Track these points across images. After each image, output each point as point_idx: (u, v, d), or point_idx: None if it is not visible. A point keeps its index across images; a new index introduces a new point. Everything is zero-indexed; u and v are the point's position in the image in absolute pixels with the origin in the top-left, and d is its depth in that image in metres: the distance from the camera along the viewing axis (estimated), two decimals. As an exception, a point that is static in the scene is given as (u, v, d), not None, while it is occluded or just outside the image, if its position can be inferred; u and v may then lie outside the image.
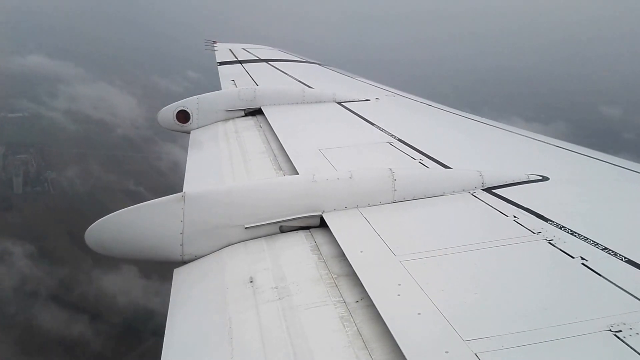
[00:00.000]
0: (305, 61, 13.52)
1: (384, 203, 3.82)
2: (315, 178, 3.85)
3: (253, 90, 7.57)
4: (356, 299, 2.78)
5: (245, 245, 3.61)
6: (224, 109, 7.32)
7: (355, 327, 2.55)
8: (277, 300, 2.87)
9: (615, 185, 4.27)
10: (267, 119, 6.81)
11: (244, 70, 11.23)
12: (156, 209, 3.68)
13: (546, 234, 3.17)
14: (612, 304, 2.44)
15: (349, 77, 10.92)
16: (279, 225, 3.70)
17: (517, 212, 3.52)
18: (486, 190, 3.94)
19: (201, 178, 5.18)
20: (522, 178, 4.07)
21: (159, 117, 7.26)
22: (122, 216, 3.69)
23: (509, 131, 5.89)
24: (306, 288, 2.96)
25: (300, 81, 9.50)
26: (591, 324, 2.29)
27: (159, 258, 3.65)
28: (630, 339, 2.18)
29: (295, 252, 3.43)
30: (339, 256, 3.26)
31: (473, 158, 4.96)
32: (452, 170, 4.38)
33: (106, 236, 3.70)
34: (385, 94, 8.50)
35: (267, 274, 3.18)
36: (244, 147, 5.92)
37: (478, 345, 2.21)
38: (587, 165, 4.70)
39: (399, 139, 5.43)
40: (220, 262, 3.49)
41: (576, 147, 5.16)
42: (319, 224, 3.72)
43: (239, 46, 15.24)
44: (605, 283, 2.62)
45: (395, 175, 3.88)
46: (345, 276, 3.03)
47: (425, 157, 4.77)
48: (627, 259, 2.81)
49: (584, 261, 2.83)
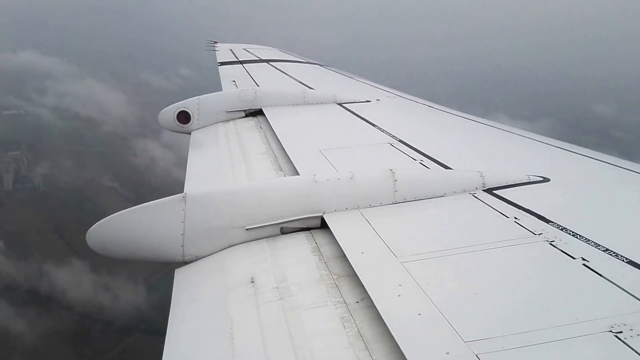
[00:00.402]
0: (306, 62, 13.52)
1: (385, 204, 3.82)
2: (316, 179, 3.85)
3: (254, 91, 7.57)
4: (357, 300, 2.79)
5: (246, 246, 3.62)
6: (224, 110, 7.32)
7: (356, 328, 2.55)
8: (278, 301, 2.88)
9: (617, 186, 4.27)
10: (268, 119, 6.81)
11: (244, 71, 11.24)
12: (157, 210, 3.68)
13: (547, 235, 3.17)
14: (613, 305, 2.44)
15: (349, 78, 10.92)
16: (279, 226, 3.70)
17: (518, 213, 3.53)
18: (487, 191, 3.94)
19: (202, 179, 5.18)
20: (523, 179, 4.07)
21: (159, 118, 7.26)
22: (123, 217, 3.69)
23: (510, 132, 5.89)
24: (307, 289, 2.97)
25: (301, 82, 9.50)
26: (592, 325, 2.29)
27: (160, 259, 3.66)
28: (631, 339, 2.18)
29: (296, 253, 3.44)
30: (339, 257, 3.26)
31: (474, 159, 4.96)
32: (452, 171, 4.39)
33: (107, 237, 3.70)
34: (386, 95, 8.51)
35: (268, 275, 3.19)
36: (244, 148, 5.93)
37: (479, 346, 2.21)
38: (588, 166, 4.69)
39: (400, 140, 5.44)
40: (221, 263, 3.49)
41: (577, 148, 5.15)
42: (320, 225, 3.72)
43: (240, 46, 15.25)
44: (606, 284, 2.62)
45: (396, 176, 3.88)
46: (346, 277, 3.04)
47: (426, 158, 4.77)
48: (628, 259, 2.81)
49: (585, 262, 2.83)
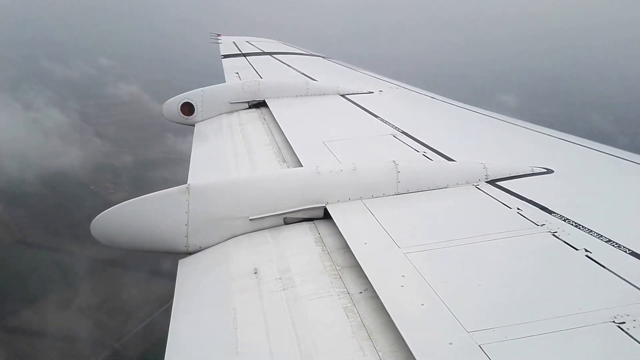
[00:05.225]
0: (309, 54, 13.49)
1: (388, 195, 3.82)
2: (319, 170, 3.86)
3: (257, 83, 7.57)
4: (360, 290, 2.80)
5: (249, 237, 3.63)
6: (228, 102, 7.33)
7: (359, 318, 2.57)
8: (281, 291, 2.89)
9: (620, 178, 4.26)
10: (271, 111, 6.81)
11: (248, 63, 11.22)
12: (161, 201, 3.70)
13: (550, 226, 3.17)
14: (616, 296, 2.45)
15: (352, 69, 10.89)
16: (283, 217, 3.71)
17: (521, 204, 3.52)
18: (490, 182, 3.94)
19: (206, 170, 5.20)
20: (526, 170, 4.06)
21: (163, 110, 7.28)
22: (127, 208, 3.71)
23: (513, 124, 5.87)
24: (310, 279, 2.98)
25: (304, 74, 9.48)
26: (595, 316, 2.30)
27: (164, 249, 3.68)
28: (633, 330, 2.18)
29: (300, 243, 3.45)
30: (342, 247, 3.27)
31: (477, 150, 4.95)
32: (455, 163, 4.38)
33: (111, 228, 3.72)
34: (389, 87, 8.49)
35: (272, 265, 3.20)
36: (248, 139, 5.93)
37: (482, 336, 2.22)
38: (592, 158, 4.68)
39: (403, 132, 5.43)
40: (225, 254, 3.51)
41: (580, 139, 5.14)
42: (323, 216, 3.73)
43: (243, 39, 15.22)
44: (609, 275, 2.62)
45: (398, 167, 3.88)
46: (349, 267, 3.05)
47: (429, 150, 4.77)
48: (631, 251, 2.81)
49: (588, 253, 2.84)
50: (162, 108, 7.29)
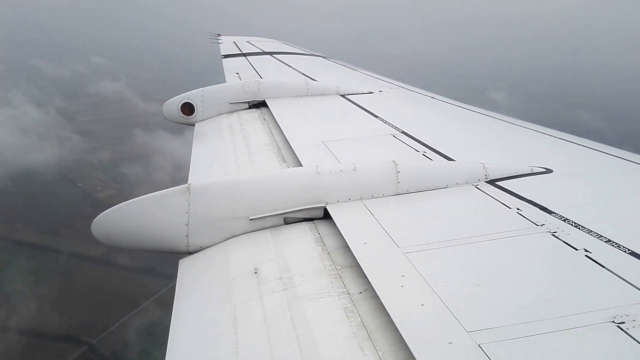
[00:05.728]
0: (309, 54, 13.50)
1: (388, 195, 3.82)
2: (319, 170, 3.86)
3: (257, 83, 7.58)
4: (360, 290, 2.80)
5: (249, 237, 3.63)
6: (228, 102, 7.34)
7: (359, 318, 2.57)
8: (281, 291, 2.90)
9: (619, 178, 4.26)
10: (271, 111, 6.81)
11: (248, 63, 11.23)
12: (161, 201, 3.71)
13: (550, 226, 3.17)
14: (616, 296, 2.45)
15: (352, 70, 10.90)
16: (283, 216, 3.72)
17: (520, 204, 3.53)
18: (489, 182, 3.94)
19: (206, 170, 5.20)
20: (525, 170, 4.07)
21: (163, 110, 7.29)
22: (128, 207, 3.72)
23: (513, 124, 5.87)
24: (310, 279, 2.98)
25: (304, 74, 9.49)
26: (594, 316, 2.30)
27: (165, 249, 3.68)
28: (633, 330, 2.18)
29: (300, 243, 3.45)
30: (342, 247, 3.27)
31: (476, 150, 4.96)
32: (455, 163, 4.39)
33: (112, 227, 3.73)
34: (389, 87, 8.50)
35: (272, 265, 3.21)
36: (248, 140, 5.94)
37: (481, 336, 2.22)
38: (591, 158, 4.68)
39: (403, 132, 5.43)
40: (225, 253, 3.51)
41: (580, 139, 5.14)
42: (323, 216, 3.74)
43: (243, 39, 15.24)
44: (608, 275, 2.62)
45: (398, 168, 3.89)
46: (349, 267, 3.05)
47: (429, 150, 4.77)
48: (631, 251, 2.82)
49: (587, 253, 2.84)
50: (163, 108, 7.31)
